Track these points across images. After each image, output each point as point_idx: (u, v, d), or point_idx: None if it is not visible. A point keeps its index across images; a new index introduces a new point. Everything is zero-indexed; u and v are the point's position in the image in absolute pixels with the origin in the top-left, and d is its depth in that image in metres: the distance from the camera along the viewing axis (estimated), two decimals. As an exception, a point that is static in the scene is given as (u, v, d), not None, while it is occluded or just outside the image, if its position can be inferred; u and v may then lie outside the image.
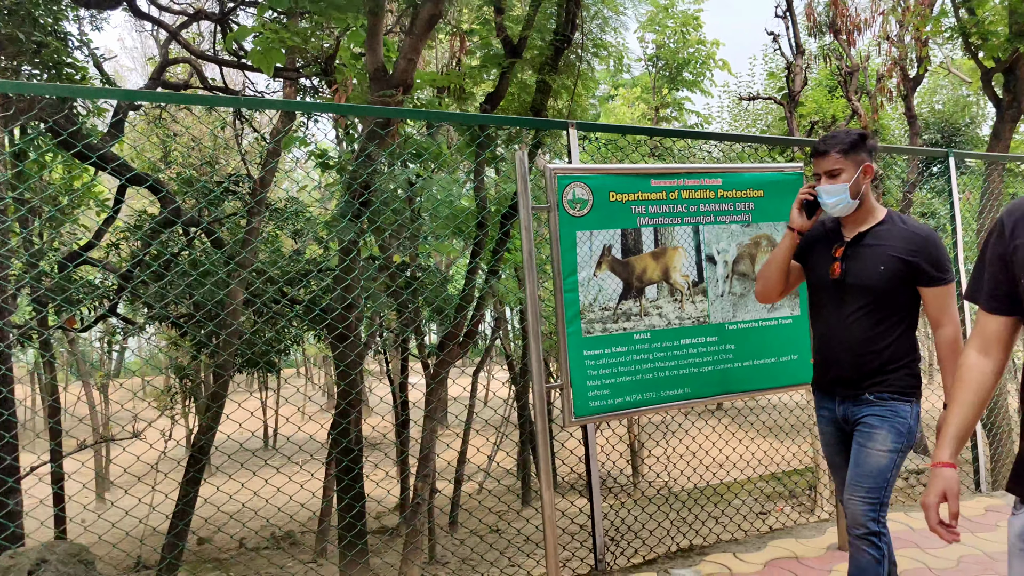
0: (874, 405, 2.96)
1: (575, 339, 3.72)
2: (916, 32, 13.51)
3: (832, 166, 2.98)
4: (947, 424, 2.14)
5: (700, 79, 17.61)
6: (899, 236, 2.96)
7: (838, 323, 3.03)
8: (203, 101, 8.59)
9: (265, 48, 7.59)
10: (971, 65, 16.08)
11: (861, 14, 14.71)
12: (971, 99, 21.31)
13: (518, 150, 3.55)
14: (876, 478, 2.89)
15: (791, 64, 11.78)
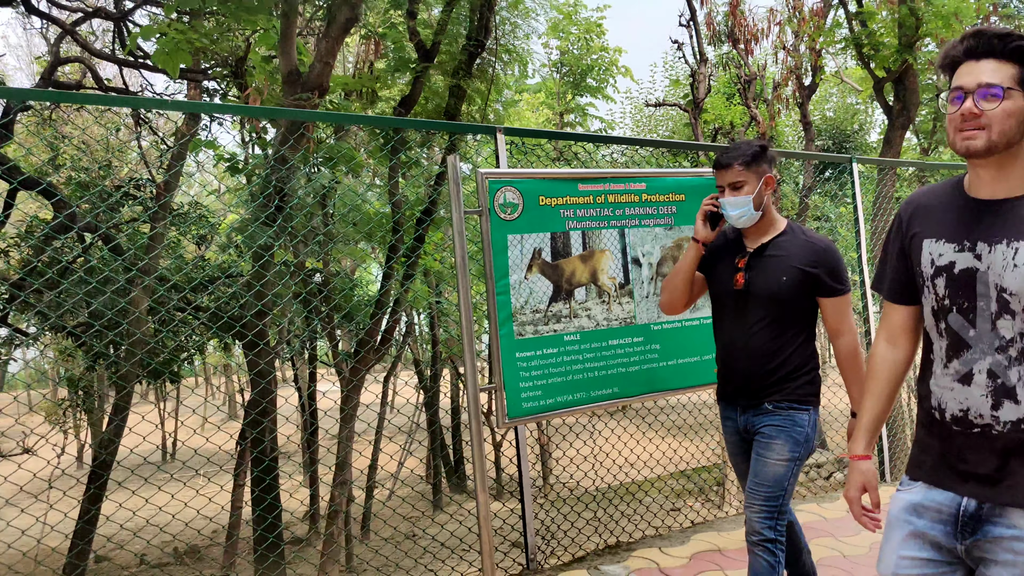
0: (772, 415, 3.00)
1: (507, 341, 3.76)
2: (811, 42, 14.08)
3: (735, 178, 3.00)
4: (860, 416, 2.22)
5: (603, 85, 17.91)
6: (800, 247, 3.00)
7: (741, 333, 3.06)
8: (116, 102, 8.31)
9: (171, 49, 7.40)
10: (860, 74, 16.85)
11: (758, 24, 15.24)
12: (859, 107, 22.28)
13: (451, 155, 3.56)
14: (773, 487, 2.94)
15: (695, 72, 12.08)
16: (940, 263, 1.95)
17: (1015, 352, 1.84)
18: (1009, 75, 1.80)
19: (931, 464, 1.99)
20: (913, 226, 2.06)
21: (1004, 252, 1.83)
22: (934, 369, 1.99)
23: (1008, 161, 1.86)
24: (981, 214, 1.90)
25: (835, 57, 15.57)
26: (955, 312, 1.92)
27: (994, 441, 1.85)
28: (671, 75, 23.88)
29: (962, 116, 1.83)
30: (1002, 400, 1.84)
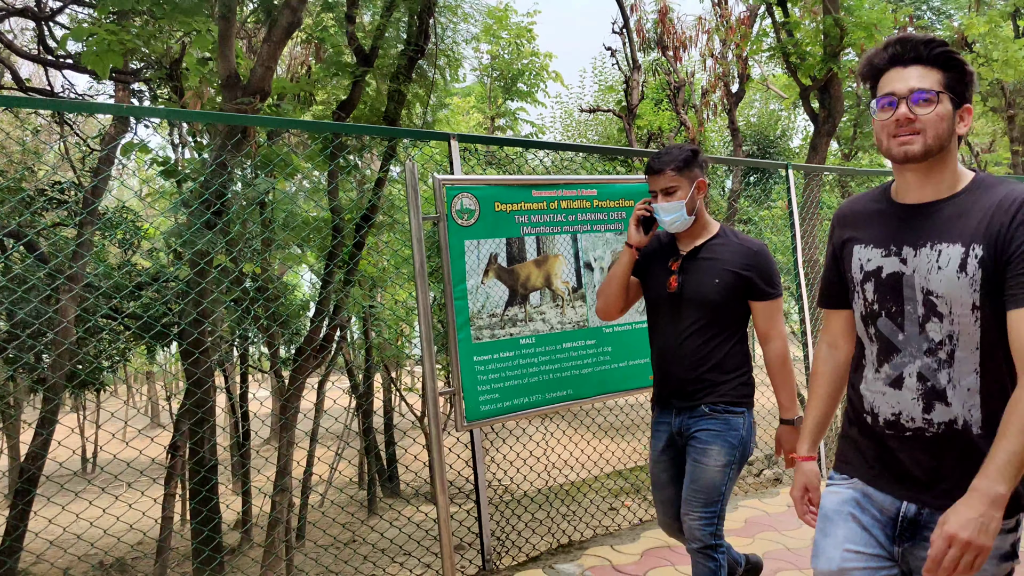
0: (708, 418, 3.00)
1: (465, 345, 3.81)
2: (738, 50, 14.44)
3: (667, 184, 3.00)
4: (805, 417, 2.25)
5: (534, 90, 18.05)
6: (733, 250, 3.02)
7: (675, 336, 3.06)
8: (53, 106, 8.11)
9: (102, 50, 7.25)
10: (784, 81, 17.33)
11: (687, 32, 15.58)
12: (782, 113, 22.87)
13: (408, 161, 3.59)
14: (711, 493, 2.95)
15: (629, 79, 12.30)
16: (868, 268, 1.98)
17: (944, 355, 1.86)
18: (936, 80, 1.84)
19: (864, 465, 2.01)
20: (844, 233, 2.10)
21: (928, 255, 1.86)
22: (865, 373, 2.03)
23: (936, 165, 1.89)
24: (907, 219, 1.93)
25: (761, 65, 15.96)
26: (884, 316, 1.96)
27: (927, 444, 1.88)
28: (601, 81, 24.23)
29: (896, 122, 1.85)
30: (933, 403, 1.87)
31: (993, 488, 1.66)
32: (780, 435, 3.05)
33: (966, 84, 1.88)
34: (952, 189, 1.89)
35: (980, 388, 1.83)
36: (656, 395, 3.22)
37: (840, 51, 10.25)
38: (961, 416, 1.84)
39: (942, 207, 1.88)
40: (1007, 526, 1.83)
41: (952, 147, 1.89)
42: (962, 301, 1.81)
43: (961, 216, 1.84)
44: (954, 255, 1.82)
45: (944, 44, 1.85)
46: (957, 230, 1.83)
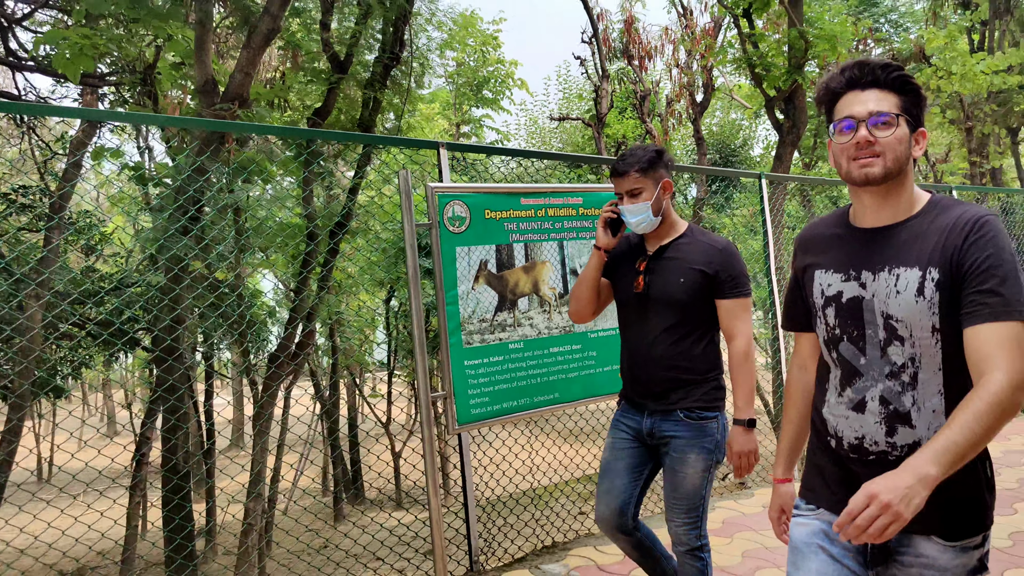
0: (683, 424, 2.99)
1: (457, 350, 3.88)
2: (703, 61, 14.68)
3: (632, 185, 2.99)
4: (780, 440, 2.26)
5: (500, 97, 18.16)
6: (698, 249, 3.00)
7: (644, 337, 3.05)
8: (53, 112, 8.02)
9: (74, 53, 7.21)
10: (747, 91, 17.63)
11: (652, 42, 15.80)
12: (743, 122, 23.25)
13: (401, 170, 3.66)
14: (693, 499, 2.98)
15: (598, 88, 12.45)
16: (829, 293, 1.99)
17: (907, 377, 1.87)
18: (894, 103, 1.87)
19: (828, 492, 2.02)
20: (806, 258, 2.11)
21: (887, 279, 1.88)
22: (828, 397, 2.03)
23: (894, 188, 1.91)
24: (865, 243, 1.95)
25: (726, 75, 16.21)
26: (846, 341, 1.97)
27: (890, 467, 1.84)
28: (565, 89, 24.44)
29: (856, 145, 1.86)
30: (896, 426, 1.88)
31: (925, 468, 1.62)
32: (732, 436, 2.99)
33: (921, 108, 1.92)
34: (908, 212, 1.91)
35: (945, 409, 1.84)
36: (627, 394, 3.20)
37: (804, 63, 10.48)
38: (925, 438, 1.85)
39: (898, 231, 1.90)
40: (974, 543, 1.85)
41: (909, 170, 1.91)
42: (922, 324, 1.83)
43: (917, 239, 1.86)
44: (912, 279, 1.84)
45: (900, 68, 1.89)
46: (914, 254, 1.85)
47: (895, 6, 19.63)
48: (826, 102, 1.96)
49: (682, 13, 14.70)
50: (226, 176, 6.48)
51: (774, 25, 11.77)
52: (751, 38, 11.03)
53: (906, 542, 1.87)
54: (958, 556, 1.83)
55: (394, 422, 24.07)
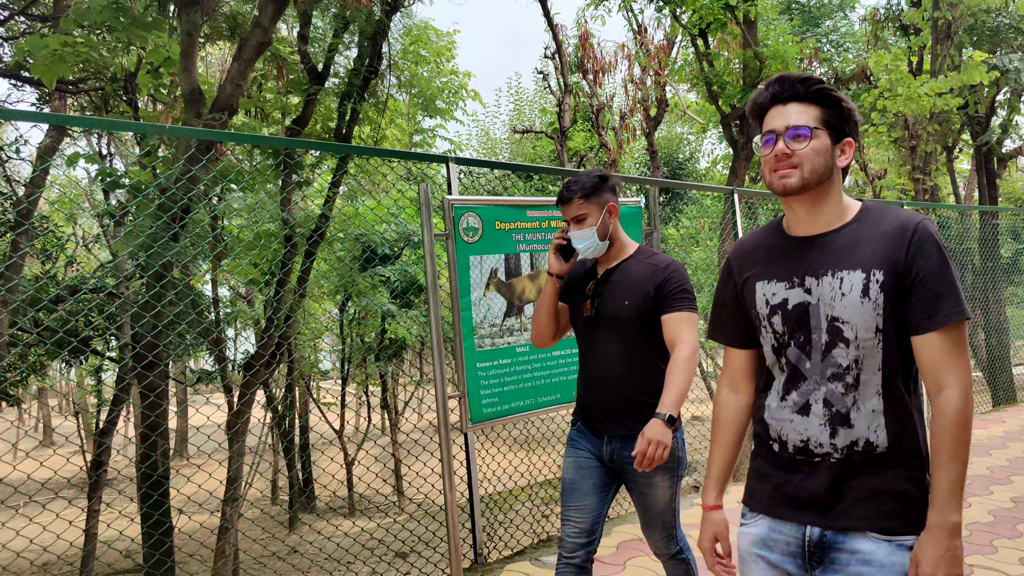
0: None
1: (470, 353, 4.13)
2: (657, 77, 15.14)
3: (577, 212, 2.99)
4: (710, 466, 2.22)
5: (453, 108, 18.39)
6: (644, 269, 3.00)
7: (598, 360, 3.05)
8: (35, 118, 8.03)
9: (54, 60, 7.27)
10: (695, 107, 18.18)
11: (606, 57, 16.22)
12: (689, 137, 23.86)
13: (421, 183, 3.90)
14: (666, 515, 3.01)
15: (561, 102, 12.79)
16: (774, 302, 2.02)
17: (851, 379, 1.90)
18: (813, 116, 1.91)
19: (768, 496, 2.05)
20: (744, 271, 2.12)
21: (831, 283, 1.92)
22: (769, 402, 2.06)
23: (821, 197, 1.95)
24: (803, 251, 1.99)
25: (677, 91, 16.69)
26: (793, 346, 1.99)
27: (832, 467, 1.92)
28: (517, 101, 24.81)
29: (775, 157, 1.91)
30: (838, 428, 1.91)
31: (948, 520, 1.77)
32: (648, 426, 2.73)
33: (845, 119, 1.95)
34: (841, 219, 1.96)
35: (884, 409, 1.89)
36: (583, 418, 3.16)
37: (759, 81, 10.95)
38: (864, 437, 1.89)
39: (835, 237, 1.95)
40: (908, 542, 1.88)
41: (834, 179, 1.96)
42: (866, 325, 1.87)
43: (857, 243, 1.91)
44: (856, 281, 1.88)
45: (820, 82, 1.93)
46: (856, 257, 1.90)
47: (836, 27, 20.44)
48: (756, 116, 2.01)
49: (637, 30, 15.12)
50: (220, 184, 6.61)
51: (726, 45, 12.22)
52: (707, 56, 11.47)
53: (842, 540, 1.91)
54: (893, 553, 1.87)
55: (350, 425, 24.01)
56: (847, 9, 20.26)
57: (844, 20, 20.56)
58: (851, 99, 2.12)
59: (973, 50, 11.55)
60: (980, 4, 10.46)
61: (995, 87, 11.84)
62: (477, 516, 4.56)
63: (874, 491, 1.87)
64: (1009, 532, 4.97)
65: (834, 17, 20.51)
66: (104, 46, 7.52)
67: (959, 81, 10.06)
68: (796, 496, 1.96)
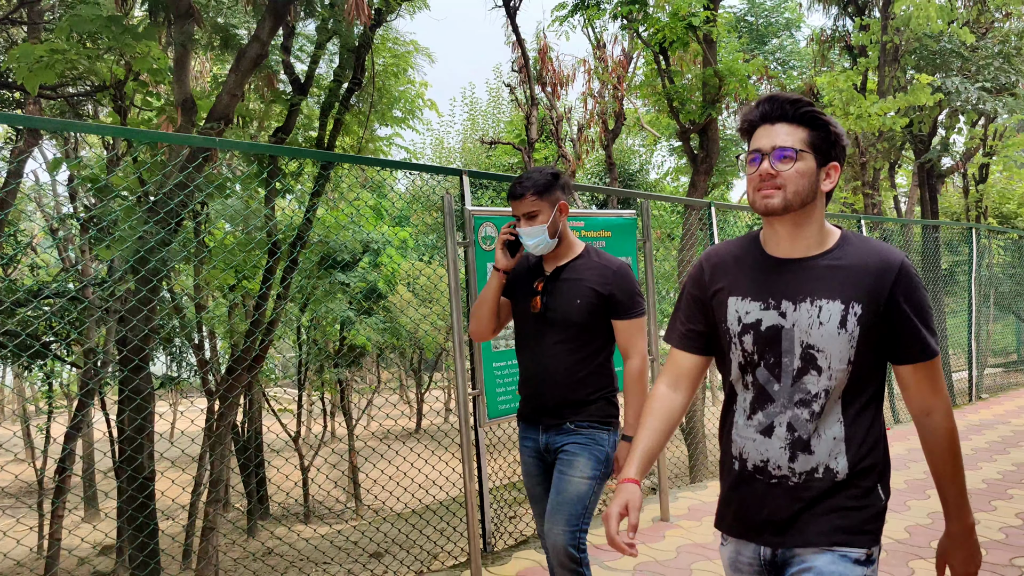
0: (575, 434, 3.03)
1: (487, 353, 4.42)
2: (615, 91, 15.61)
3: (529, 208, 3.01)
4: (635, 444, 2.16)
5: (409, 117, 18.62)
6: (594, 269, 3.04)
7: (540, 356, 3.09)
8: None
9: (39, 67, 7.37)
10: (648, 119, 18.71)
11: (565, 71, 16.64)
12: (640, 149, 24.44)
13: (445, 194, 4.19)
14: (575, 505, 2.96)
15: (529, 114, 13.14)
16: (747, 321, 2.00)
17: (817, 407, 1.91)
18: (800, 138, 1.90)
19: (732, 517, 2.07)
20: (716, 282, 2.10)
21: (809, 310, 1.91)
22: (735, 420, 2.06)
23: (803, 220, 1.95)
24: (781, 272, 1.98)
25: (634, 104, 17.15)
26: (762, 367, 1.99)
27: (790, 492, 1.94)
28: (471, 111, 25.13)
29: (760, 176, 1.91)
30: (798, 453, 1.92)
31: (965, 524, 1.99)
32: (619, 450, 3.04)
33: (831, 143, 1.94)
34: (822, 245, 1.97)
35: (845, 436, 1.91)
36: (522, 412, 3.24)
37: (718, 98, 11.44)
38: (823, 464, 1.91)
39: (816, 263, 1.95)
40: (856, 555, 1.91)
41: (818, 203, 1.95)
42: (840, 356, 1.89)
43: (837, 273, 1.91)
44: (835, 311, 1.88)
45: (810, 104, 1.93)
46: (836, 287, 1.90)
47: (782, 45, 21.21)
48: (746, 134, 2.01)
49: (596, 45, 15.56)
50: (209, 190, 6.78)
51: (685, 63, 12.69)
52: (667, 73, 11.93)
53: (792, 555, 1.95)
54: (836, 562, 1.90)
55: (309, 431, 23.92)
56: (793, 28, 21.06)
57: (790, 39, 21.36)
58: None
59: (916, 72, 12.24)
60: (924, 29, 11.10)
61: (938, 108, 12.52)
62: (486, 507, 4.84)
63: (828, 510, 1.92)
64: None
65: (780, 36, 21.29)
66: (90, 53, 7.63)
67: (906, 102, 10.67)
68: (756, 517, 1.99)
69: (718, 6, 11.59)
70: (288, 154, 6.31)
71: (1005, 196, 17.80)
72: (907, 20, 11.09)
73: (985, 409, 10.30)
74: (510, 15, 11.98)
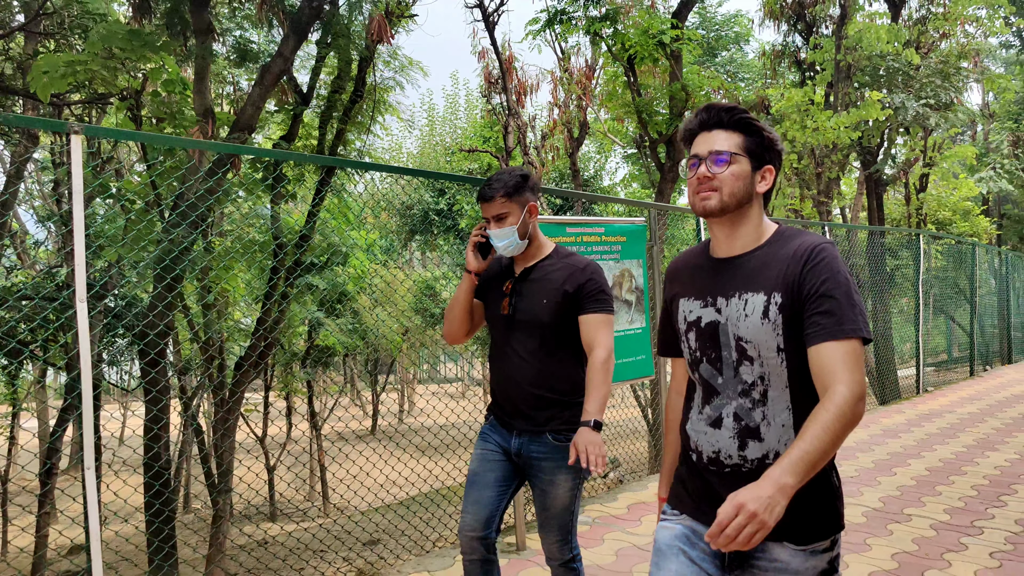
0: (551, 446, 3.02)
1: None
2: (578, 100, 16.29)
3: (499, 210, 2.99)
4: (663, 463, 2.38)
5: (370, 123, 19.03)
6: (561, 269, 3.05)
7: (512, 358, 3.08)
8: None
9: (54, 77, 7.71)
10: (606, 127, 19.44)
11: (529, 80, 17.27)
12: (593, 155, 25.19)
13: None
14: (563, 517, 3.04)
15: (507, 124, 13.72)
16: (691, 319, 2.11)
17: (758, 394, 1.98)
18: (735, 143, 2.00)
19: (691, 501, 2.13)
20: (672, 288, 2.24)
21: (737, 304, 2.00)
22: (691, 415, 2.15)
23: (739, 221, 2.04)
24: (719, 271, 2.08)
25: (598, 113, 17.83)
26: (705, 362, 2.08)
27: (743, 478, 1.97)
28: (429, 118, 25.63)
29: (698, 179, 2.00)
30: (747, 441, 1.99)
31: (783, 478, 1.72)
32: (577, 434, 2.83)
33: (765, 147, 2.04)
34: (756, 242, 2.05)
35: (793, 423, 1.96)
36: (496, 413, 3.22)
37: (685, 111, 12.17)
38: (774, 450, 1.96)
39: (748, 259, 2.04)
40: (822, 546, 1.97)
41: (755, 204, 2.05)
42: (768, 345, 1.95)
43: (764, 267, 1.99)
44: (758, 303, 1.96)
45: (745, 112, 2.02)
46: (760, 280, 1.98)
47: (732, 58, 22.18)
48: (687, 141, 2.10)
49: (561, 57, 16.22)
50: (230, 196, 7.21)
51: (651, 76, 13.40)
52: (633, 85, 12.63)
53: (761, 548, 1.98)
54: (809, 559, 1.95)
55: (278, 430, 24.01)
56: (742, 42, 22.06)
57: (739, 52, 22.36)
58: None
59: (866, 89, 13.17)
60: (875, 49, 12.00)
61: (886, 122, 13.48)
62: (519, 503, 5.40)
63: (791, 502, 1.82)
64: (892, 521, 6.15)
65: (730, 49, 22.27)
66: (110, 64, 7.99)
67: (859, 116, 11.54)
68: (715, 504, 1.98)
69: (684, 21, 12.35)
70: (326, 162, 6.78)
71: (942, 204, 18.98)
72: (859, 40, 11.98)
73: (932, 400, 11.22)
74: (489, 30, 12.55)
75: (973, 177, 20.39)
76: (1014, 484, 6.36)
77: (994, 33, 14.54)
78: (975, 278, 15.45)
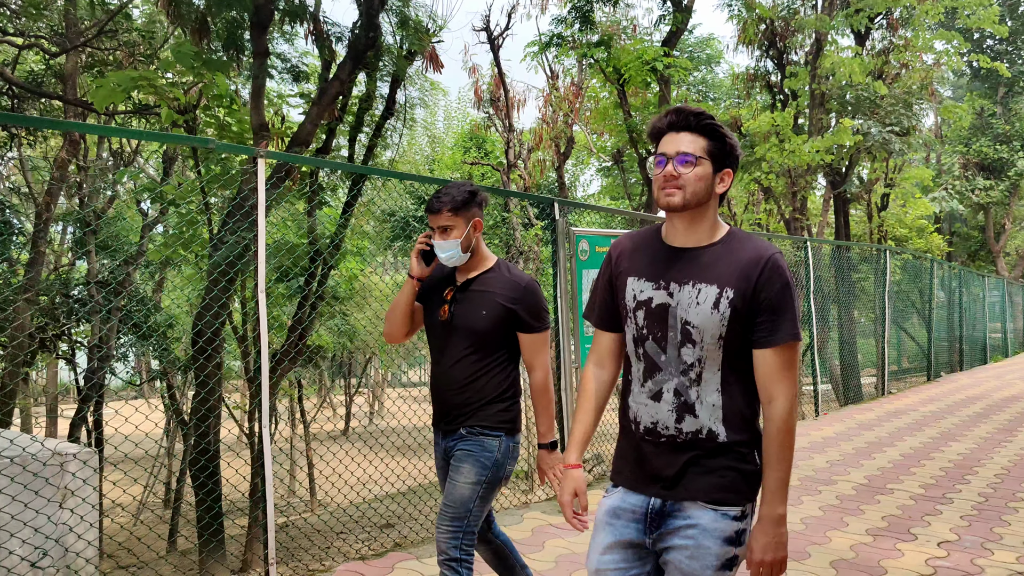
0: (465, 439, 3.14)
1: (583, 337, 5.91)
2: (566, 117, 17.23)
3: (445, 223, 3.08)
4: (572, 430, 2.42)
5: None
6: (503, 283, 3.14)
7: (446, 363, 3.19)
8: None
9: (119, 90, 8.42)
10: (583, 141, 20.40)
11: (517, 96, 18.16)
12: (568, 167, 26.15)
13: (559, 217, 5.64)
14: (458, 508, 3.05)
15: (508, 140, 14.61)
16: (641, 298, 2.21)
17: (695, 375, 2.13)
18: (701, 146, 2.09)
19: (628, 471, 2.27)
20: (620, 265, 2.31)
21: (690, 292, 2.13)
22: (632, 388, 2.26)
23: (698, 216, 2.15)
24: (674, 259, 2.18)
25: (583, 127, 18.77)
26: (651, 340, 2.19)
27: (677, 449, 2.15)
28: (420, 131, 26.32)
29: (664, 177, 2.10)
30: (684, 415, 2.14)
31: (775, 511, 2.08)
32: (539, 459, 3.21)
33: (727, 152, 2.14)
34: (711, 238, 2.18)
35: (722, 404, 2.14)
36: (433, 417, 3.34)
37: (672, 131, 13.09)
38: (707, 426, 2.13)
39: (703, 252, 2.16)
40: (732, 512, 2.14)
41: (712, 203, 2.17)
42: (712, 332, 2.10)
43: (718, 262, 2.13)
44: (711, 294, 2.10)
45: (711, 117, 2.13)
46: (715, 273, 2.11)
47: (704, 79, 23.35)
48: (653, 139, 2.20)
49: (549, 76, 17.15)
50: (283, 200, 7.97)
51: (641, 96, 14.38)
52: (627, 108, 13.62)
53: (679, 508, 2.16)
54: (718, 520, 2.12)
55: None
56: (713, 63, 23.22)
57: (711, 72, 23.52)
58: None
59: (837, 116, 14.34)
60: (847, 79, 13.15)
61: (854, 146, 14.65)
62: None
63: (709, 470, 2.13)
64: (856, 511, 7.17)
65: (702, 70, 23.41)
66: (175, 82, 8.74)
67: (832, 141, 12.66)
68: (648, 471, 2.19)
69: (674, 48, 13.37)
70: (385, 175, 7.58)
71: (900, 222, 20.30)
72: (833, 72, 13.12)
73: (897, 401, 12.40)
74: (494, 51, 13.44)
75: (927, 196, 21.80)
76: (975, 467, 7.43)
77: (951, 66, 15.82)
78: (932, 292, 16.64)
